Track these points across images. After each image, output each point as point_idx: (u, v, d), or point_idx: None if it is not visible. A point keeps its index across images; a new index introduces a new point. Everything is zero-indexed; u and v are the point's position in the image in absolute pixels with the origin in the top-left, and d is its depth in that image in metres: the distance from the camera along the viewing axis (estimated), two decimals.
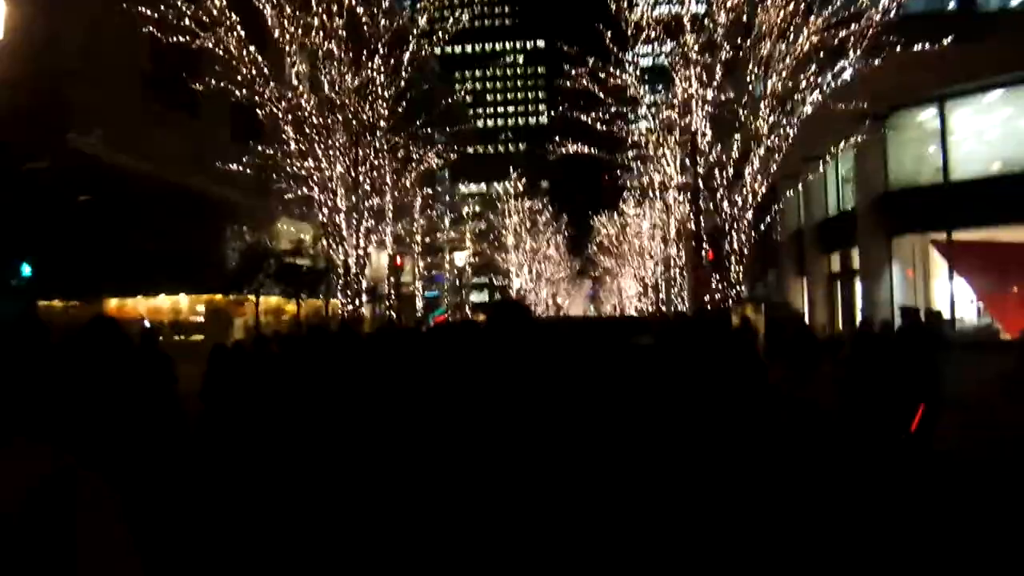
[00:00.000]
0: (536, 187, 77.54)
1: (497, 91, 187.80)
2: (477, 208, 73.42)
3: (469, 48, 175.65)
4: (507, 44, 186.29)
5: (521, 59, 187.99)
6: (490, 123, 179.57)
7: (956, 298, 25.10)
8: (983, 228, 25.06)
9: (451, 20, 23.66)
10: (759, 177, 24.01)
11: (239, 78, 21.76)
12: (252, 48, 21.61)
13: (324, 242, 24.78)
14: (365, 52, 22.50)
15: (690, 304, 41.36)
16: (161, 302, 30.85)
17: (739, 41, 23.81)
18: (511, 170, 73.96)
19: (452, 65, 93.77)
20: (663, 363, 7.91)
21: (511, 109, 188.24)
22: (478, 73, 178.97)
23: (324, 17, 21.99)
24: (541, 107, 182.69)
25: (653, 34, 27.65)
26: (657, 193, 42.76)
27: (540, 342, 3.61)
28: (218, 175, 24.34)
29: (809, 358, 15.76)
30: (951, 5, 32.19)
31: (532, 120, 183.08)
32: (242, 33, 21.35)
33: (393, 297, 28.87)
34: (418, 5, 23.10)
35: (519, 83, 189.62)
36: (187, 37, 20.41)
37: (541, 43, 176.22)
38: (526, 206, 72.40)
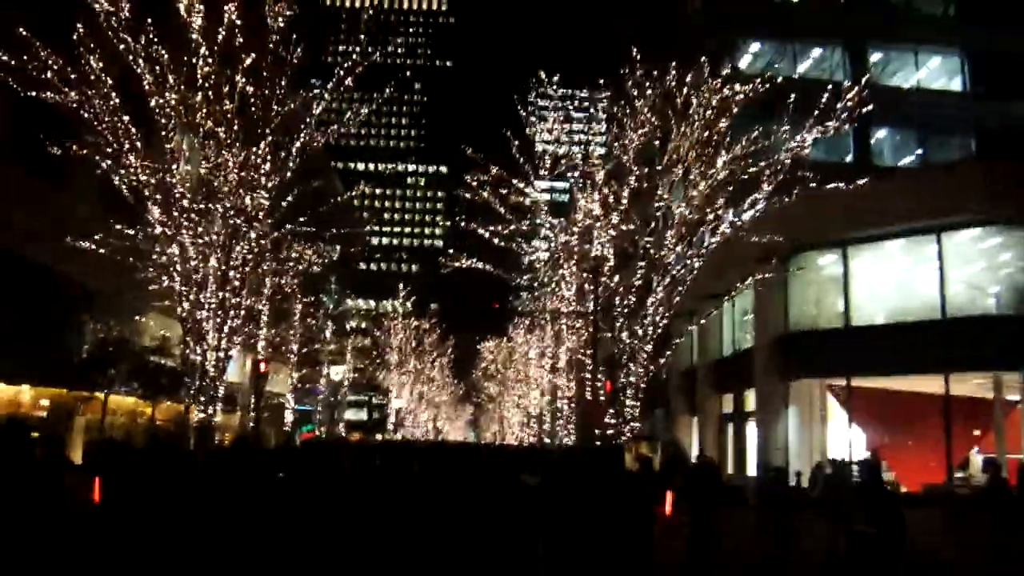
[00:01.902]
0: (426, 308, 75.71)
1: (396, 210, 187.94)
2: (363, 324, 70.96)
3: (372, 166, 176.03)
4: (411, 166, 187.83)
5: (423, 181, 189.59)
6: (386, 241, 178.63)
7: (853, 446, 24.21)
8: (881, 376, 24.55)
9: (349, 114, 22.13)
10: (660, 309, 22.92)
11: (109, 149, 19.47)
12: (126, 117, 19.43)
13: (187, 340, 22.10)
14: (251, 136, 20.55)
15: (577, 437, 39.66)
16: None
17: (646, 169, 23.17)
18: (401, 287, 72.18)
19: (354, 179, 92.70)
20: (549, 511, 6.99)
21: (408, 229, 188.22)
22: (379, 191, 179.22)
23: (211, 94, 20.11)
24: (438, 230, 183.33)
25: (559, 163, 27.01)
26: (549, 320, 41.68)
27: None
28: (79, 256, 21.44)
29: (715, 503, 14.02)
30: (848, 157, 33.08)
31: (428, 242, 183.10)
32: (116, 99, 19.19)
33: (255, 407, 26.05)
34: (313, 92, 21.44)
35: (419, 205, 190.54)
36: (51, 94, 18.12)
37: (444, 168, 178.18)
38: (413, 325, 70.40)
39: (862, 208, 23.46)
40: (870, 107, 21.45)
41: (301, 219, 23.61)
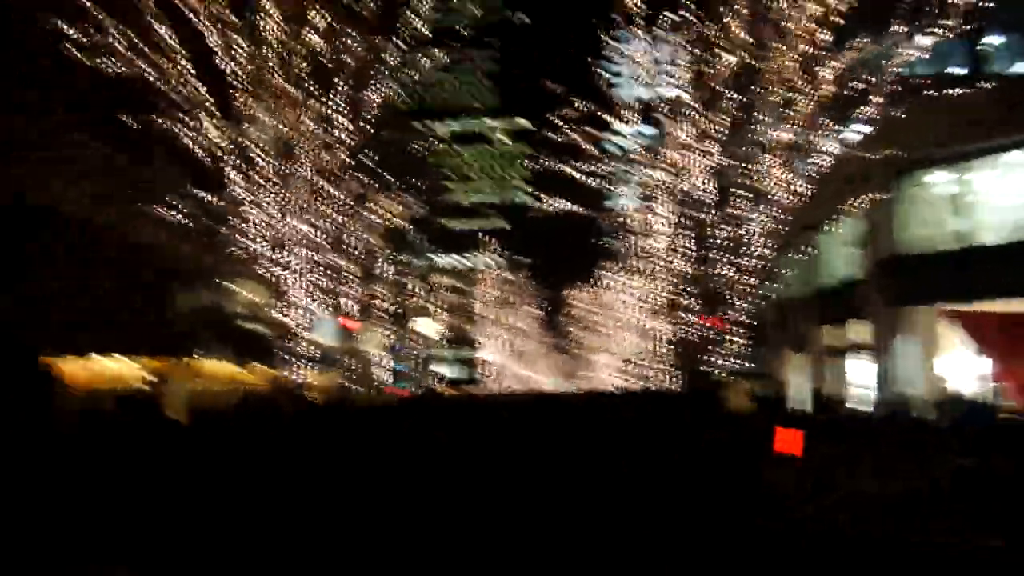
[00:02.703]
0: (513, 262, 75.21)
1: (479, 168, 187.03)
2: (451, 280, 71.03)
3: (453, 125, 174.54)
4: (491, 122, 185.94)
5: (505, 138, 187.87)
6: (472, 199, 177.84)
7: (972, 375, 22.56)
8: (1004, 299, 22.77)
9: (424, 60, 21.36)
10: (763, 240, 21.65)
11: (186, 117, 19.29)
12: (199, 84, 19.17)
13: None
14: (325, 91, 20.04)
15: (680, 382, 38.69)
16: (101, 366, 27.59)
17: (741, 97, 21.76)
18: (488, 242, 71.86)
19: (434, 139, 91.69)
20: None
21: (493, 186, 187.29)
22: (460, 149, 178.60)
23: (283, 54, 19.66)
24: (523, 184, 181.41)
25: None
26: (644, 260, 40.54)
27: None
28: (165, 225, 21.58)
29: (834, 437, 12.94)
30: (958, 67, 30.76)
31: (514, 197, 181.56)
32: (188, 66, 18.92)
33: (349, 366, 26.05)
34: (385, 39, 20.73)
35: (502, 161, 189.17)
36: (119, 63, 17.90)
37: (526, 122, 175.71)
38: (501, 278, 70.24)
39: (979, 119, 21.56)
40: (989, 4, 19.46)
41: (383, 173, 23.19)
